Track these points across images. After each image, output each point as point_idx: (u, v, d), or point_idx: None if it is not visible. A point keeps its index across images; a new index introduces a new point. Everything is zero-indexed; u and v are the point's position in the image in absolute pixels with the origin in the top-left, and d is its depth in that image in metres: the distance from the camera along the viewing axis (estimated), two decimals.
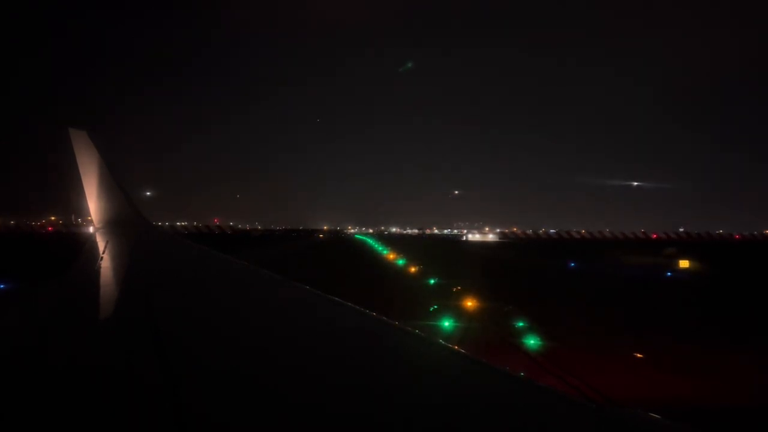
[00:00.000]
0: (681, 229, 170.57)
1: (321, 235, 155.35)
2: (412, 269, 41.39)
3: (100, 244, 10.31)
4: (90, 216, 13.88)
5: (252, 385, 2.35)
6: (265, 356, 2.89)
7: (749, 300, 29.13)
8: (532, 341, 16.58)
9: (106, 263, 7.86)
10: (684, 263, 50.99)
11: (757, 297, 30.16)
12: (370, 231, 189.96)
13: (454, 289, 27.82)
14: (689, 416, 10.40)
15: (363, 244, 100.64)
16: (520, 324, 18.70)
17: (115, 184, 14.05)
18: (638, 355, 15.94)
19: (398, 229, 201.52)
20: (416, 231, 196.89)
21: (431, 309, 21.69)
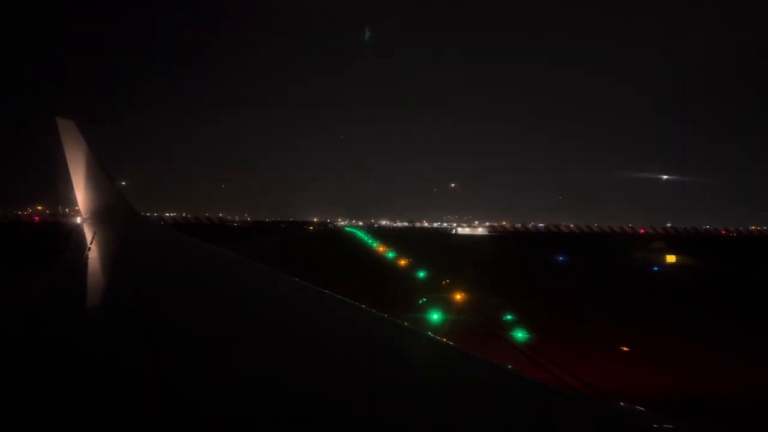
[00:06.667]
0: (668, 224, 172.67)
1: (311, 227, 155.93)
2: (402, 262, 41.46)
3: (88, 235, 10.23)
4: (77, 206, 13.74)
5: (243, 378, 2.35)
6: (255, 348, 2.89)
7: (733, 294, 29.53)
8: (519, 333, 16.74)
9: (93, 254, 7.80)
10: (671, 258, 52.02)
11: (742, 291, 30.61)
12: (360, 224, 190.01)
13: (443, 282, 27.94)
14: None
15: (353, 236, 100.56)
16: (508, 316, 18.87)
17: (102, 174, 13.90)
18: (624, 348, 16.14)
19: (388, 222, 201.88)
20: (406, 224, 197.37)
21: (420, 301, 21.77)
